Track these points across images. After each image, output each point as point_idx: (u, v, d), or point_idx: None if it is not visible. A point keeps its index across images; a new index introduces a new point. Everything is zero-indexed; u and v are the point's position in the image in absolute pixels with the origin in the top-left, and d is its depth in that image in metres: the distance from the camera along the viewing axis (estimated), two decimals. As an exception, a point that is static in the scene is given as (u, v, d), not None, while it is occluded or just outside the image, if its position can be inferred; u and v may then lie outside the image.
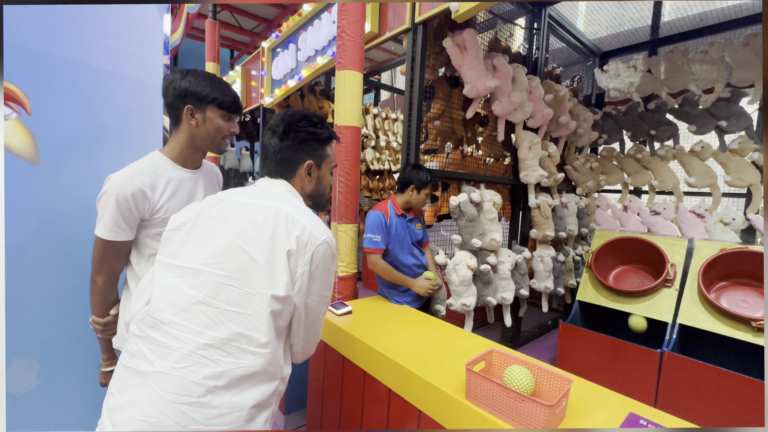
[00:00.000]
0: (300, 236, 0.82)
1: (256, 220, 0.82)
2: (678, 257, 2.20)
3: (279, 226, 0.82)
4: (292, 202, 0.89)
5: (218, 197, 0.90)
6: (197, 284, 0.78)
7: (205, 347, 0.75)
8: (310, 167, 0.96)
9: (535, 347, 3.04)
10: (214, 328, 0.76)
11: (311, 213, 0.90)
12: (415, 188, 1.86)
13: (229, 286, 0.78)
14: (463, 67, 2.19)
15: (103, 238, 0.95)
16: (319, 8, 2.98)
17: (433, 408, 1.10)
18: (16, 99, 1.06)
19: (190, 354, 0.74)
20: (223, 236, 0.82)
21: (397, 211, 1.89)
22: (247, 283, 0.78)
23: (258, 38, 6.51)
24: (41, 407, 1.14)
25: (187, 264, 0.81)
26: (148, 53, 1.35)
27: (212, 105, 1.02)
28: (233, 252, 0.80)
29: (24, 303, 1.10)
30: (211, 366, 0.74)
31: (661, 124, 3.12)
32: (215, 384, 0.73)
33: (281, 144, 0.93)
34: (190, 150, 1.05)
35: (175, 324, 0.77)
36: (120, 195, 0.93)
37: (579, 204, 3.12)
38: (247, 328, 0.77)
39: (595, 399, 1.07)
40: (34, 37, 1.09)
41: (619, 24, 3.43)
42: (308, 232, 0.83)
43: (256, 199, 0.87)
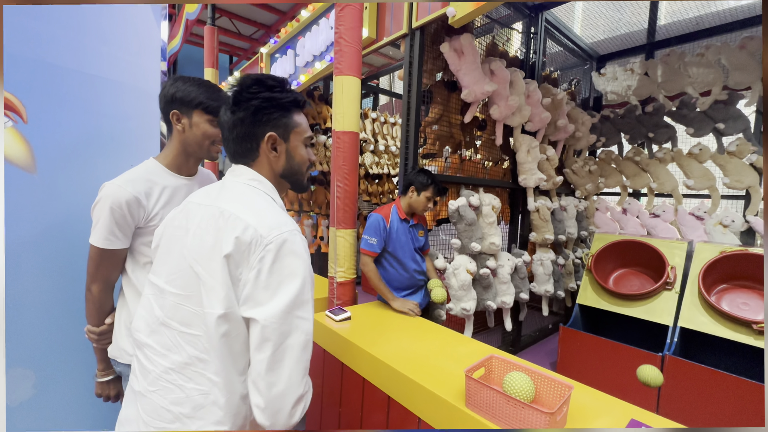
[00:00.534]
0: (240, 236, 0.67)
1: (200, 226, 0.72)
2: (678, 260, 2.19)
3: (220, 231, 0.69)
4: (249, 196, 0.75)
5: (185, 202, 0.82)
6: (162, 304, 0.73)
7: (168, 371, 0.70)
8: (274, 141, 0.79)
9: (535, 351, 3.02)
10: (175, 351, 0.70)
11: (268, 206, 0.74)
12: (415, 190, 1.86)
13: (181, 306, 0.71)
14: (460, 72, 2.19)
15: (98, 246, 0.95)
16: (318, 14, 2.99)
17: (432, 415, 1.09)
18: (13, 107, 1.05)
19: (158, 378, 0.71)
20: (179, 249, 0.73)
21: (400, 215, 1.89)
22: (194, 301, 0.69)
23: (257, 44, 6.53)
24: (36, 418, 1.13)
25: (156, 281, 0.76)
26: (146, 60, 1.35)
27: (198, 109, 1.00)
28: (183, 267, 0.72)
29: (20, 312, 1.09)
30: (175, 391, 0.69)
31: (659, 126, 3.12)
32: (181, 411, 0.68)
33: (234, 117, 0.77)
34: (182, 157, 1.05)
35: (148, 346, 0.74)
36: (114, 203, 0.92)
37: (578, 207, 3.12)
38: (202, 350, 0.69)
39: (596, 405, 1.06)
40: (31, 46, 1.09)
41: (616, 27, 3.45)
42: (252, 230, 0.67)
43: (210, 199, 0.76)
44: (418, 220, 1.99)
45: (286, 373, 0.66)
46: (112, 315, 1.05)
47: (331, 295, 1.96)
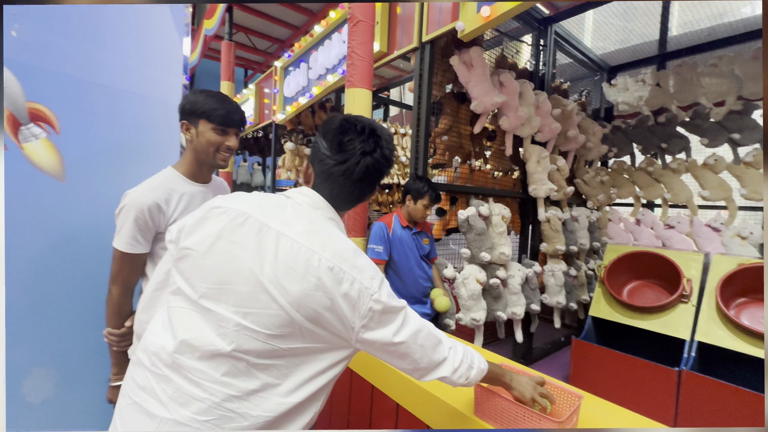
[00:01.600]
0: (350, 292, 0.68)
1: (294, 268, 0.67)
2: (694, 272, 2.14)
3: (322, 280, 0.67)
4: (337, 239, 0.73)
5: (244, 214, 0.72)
6: (224, 333, 0.66)
7: (232, 399, 0.66)
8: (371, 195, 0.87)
9: (547, 364, 2.96)
10: (242, 378, 0.66)
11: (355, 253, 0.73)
12: (411, 198, 1.87)
13: (259, 342, 0.66)
14: (470, 84, 2.23)
15: (121, 250, 1.00)
16: (330, 29, 3.09)
17: (441, 424, 1.09)
18: (47, 119, 1.12)
19: (215, 406, 0.65)
20: (253, 278, 0.67)
21: (402, 223, 1.91)
22: (280, 341, 0.67)
23: (271, 58, 6.73)
24: (58, 416, 1.17)
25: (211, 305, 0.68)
26: (169, 74, 1.43)
27: (202, 119, 1.04)
28: (268, 304, 0.66)
29: (46, 313, 1.14)
30: (237, 420, 0.66)
31: (672, 137, 3.09)
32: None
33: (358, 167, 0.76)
34: (196, 165, 1.10)
35: (198, 371, 0.66)
36: (137, 209, 0.97)
37: (590, 218, 3.09)
38: (277, 377, 0.68)
39: (608, 417, 1.05)
40: (64, 63, 1.17)
41: (627, 39, 3.46)
42: (358, 283, 0.69)
43: (290, 229, 0.70)
44: (422, 228, 1.99)
45: (430, 354, 0.77)
46: (131, 318, 1.09)
47: (341, 302, 1.98)
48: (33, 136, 1.10)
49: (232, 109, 1.06)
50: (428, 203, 1.85)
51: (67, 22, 1.17)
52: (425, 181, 1.89)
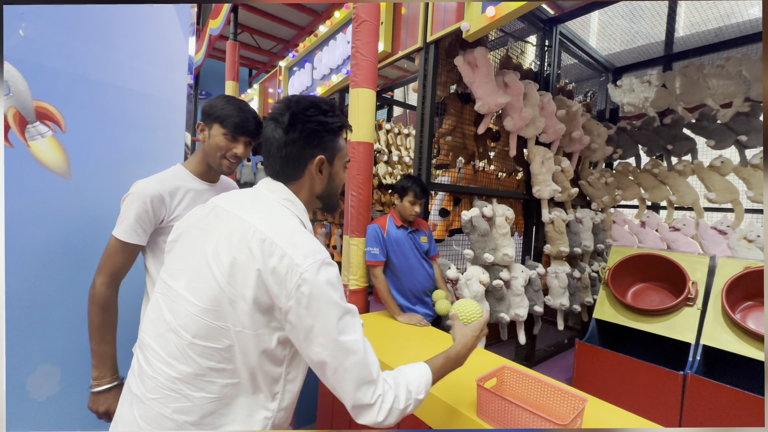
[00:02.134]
0: (278, 266, 0.66)
1: (232, 241, 0.69)
2: (700, 275, 2.12)
3: (253, 251, 0.67)
4: (283, 218, 0.74)
5: (213, 203, 0.79)
6: (174, 308, 0.70)
7: (174, 380, 0.67)
8: (322, 163, 0.80)
9: (550, 366, 2.95)
10: (183, 361, 0.67)
11: (300, 231, 0.73)
12: (398, 196, 1.88)
13: (197, 318, 0.67)
14: (474, 84, 2.22)
15: (118, 238, 1.00)
16: (335, 29, 3.09)
17: (443, 425, 1.09)
18: (53, 118, 1.13)
19: (160, 386, 0.68)
20: (203, 255, 0.71)
21: (396, 223, 1.90)
22: (215, 316, 0.67)
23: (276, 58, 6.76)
24: (62, 413, 1.17)
25: (172, 283, 0.73)
26: (174, 74, 1.43)
27: (216, 123, 1.07)
28: (207, 278, 0.69)
29: (50, 311, 1.15)
30: (181, 400, 0.67)
31: (677, 138, 3.07)
32: (186, 419, 0.67)
33: (287, 137, 0.76)
34: (204, 165, 1.12)
35: (152, 349, 0.71)
36: (141, 198, 0.99)
37: (594, 219, 3.07)
38: (218, 361, 0.68)
39: (612, 421, 1.04)
40: (71, 62, 1.17)
41: (633, 40, 3.44)
42: (288, 258, 0.66)
43: (243, 211, 0.74)
44: (418, 227, 1.98)
45: (350, 389, 0.68)
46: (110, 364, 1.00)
47: (343, 302, 1.98)
48: (39, 134, 1.11)
49: (247, 118, 1.07)
50: (413, 199, 1.85)
51: (73, 21, 1.17)
52: (410, 178, 1.89)
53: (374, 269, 1.86)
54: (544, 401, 1.03)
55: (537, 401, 1.04)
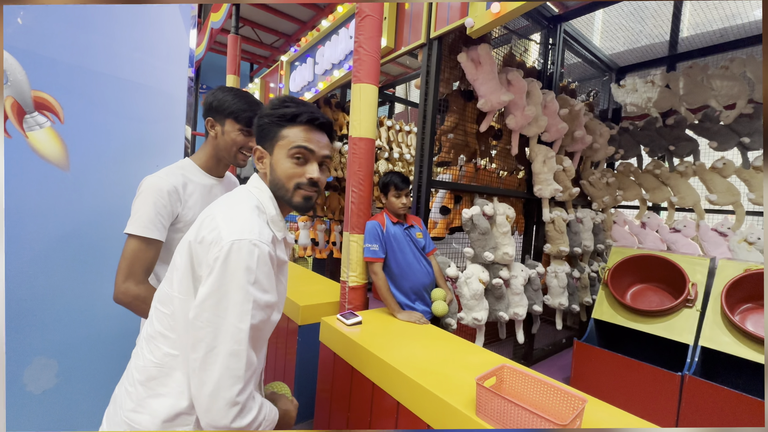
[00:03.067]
0: (206, 236, 0.71)
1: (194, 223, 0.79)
2: (699, 276, 2.12)
3: (195, 226, 0.76)
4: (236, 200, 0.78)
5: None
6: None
7: (141, 339, 0.80)
8: (261, 155, 0.84)
9: (548, 365, 2.95)
10: (148, 323, 0.80)
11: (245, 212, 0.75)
12: (382, 194, 1.91)
13: (162, 286, 0.80)
14: (477, 82, 2.21)
15: (138, 235, 0.94)
16: (337, 24, 3.07)
17: (442, 423, 1.08)
18: (51, 108, 1.12)
19: (138, 344, 0.82)
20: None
21: (392, 220, 1.91)
22: (167, 283, 0.77)
23: (277, 52, 6.71)
24: (58, 406, 1.17)
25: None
26: (175, 66, 1.42)
27: (230, 118, 1.06)
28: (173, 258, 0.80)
29: (48, 304, 1.14)
30: (140, 359, 0.77)
31: (680, 139, 3.06)
32: (138, 377, 0.75)
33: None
34: (214, 160, 1.11)
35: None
36: (157, 192, 0.97)
37: (595, 219, 3.06)
38: (165, 327, 0.75)
39: (610, 421, 1.04)
40: (70, 52, 1.16)
41: (637, 39, 3.41)
42: (216, 231, 0.70)
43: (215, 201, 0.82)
44: (413, 223, 1.98)
45: (216, 376, 0.66)
46: None
47: (342, 299, 1.97)
48: (37, 125, 1.10)
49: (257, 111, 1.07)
50: (396, 192, 1.88)
51: (73, 10, 1.16)
52: (388, 174, 1.93)
53: (373, 266, 1.85)
54: (543, 401, 1.03)
55: (536, 401, 1.04)
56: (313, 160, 0.82)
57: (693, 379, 1.83)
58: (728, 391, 1.71)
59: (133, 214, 0.96)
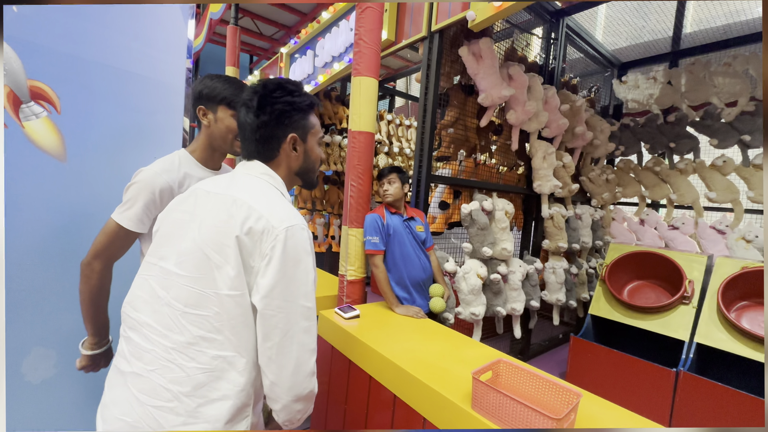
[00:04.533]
0: (254, 226, 0.71)
1: (212, 213, 0.76)
2: (696, 274, 2.13)
3: (233, 218, 0.73)
4: (260, 189, 0.79)
5: (192, 189, 0.85)
6: (166, 285, 0.75)
7: (169, 350, 0.72)
8: (295, 141, 0.85)
9: (545, 360, 2.97)
10: (177, 331, 0.72)
11: (278, 199, 0.78)
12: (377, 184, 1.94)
13: (189, 288, 0.73)
14: (478, 76, 2.19)
15: (122, 225, 0.97)
16: (338, 16, 3.04)
17: (438, 416, 1.09)
18: (48, 98, 1.11)
19: (158, 357, 0.72)
20: (189, 233, 0.76)
21: (390, 210, 1.92)
22: (203, 283, 0.72)
23: (277, 44, 6.65)
24: (57, 395, 1.17)
25: (161, 263, 0.78)
26: (173, 57, 1.40)
27: (222, 105, 1.04)
28: (193, 250, 0.74)
29: (46, 295, 1.14)
30: (175, 371, 0.71)
31: (681, 136, 3.05)
32: (180, 390, 0.70)
33: (258, 120, 0.81)
34: (209, 150, 1.09)
35: (148, 325, 0.75)
36: (150, 189, 0.96)
37: (594, 216, 3.07)
38: (208, 330, 0.71)
39: (605, 416, 1.05)
40: (67, 41, 1.14)
41: (639, 35, 3.39)
42: (264, 220, 0.72)
43: (221, 188, 0.79)
44: (413, 215, 1.98)
45: (294, 356, 0.73)
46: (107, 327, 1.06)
47: (340, 292, 1.98)
48: (34, 114, 1.09)
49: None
50: (382, 180, 1.93)
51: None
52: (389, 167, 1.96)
53: (374, 258, 1.85)
54: (539, 395, 1.04)
55: (532, 395, 1.05)
56: None
57: (687, 375, 1.85)
58: (722, 388, 1.73)
59: (123, 203, 0.98)
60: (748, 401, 1.65)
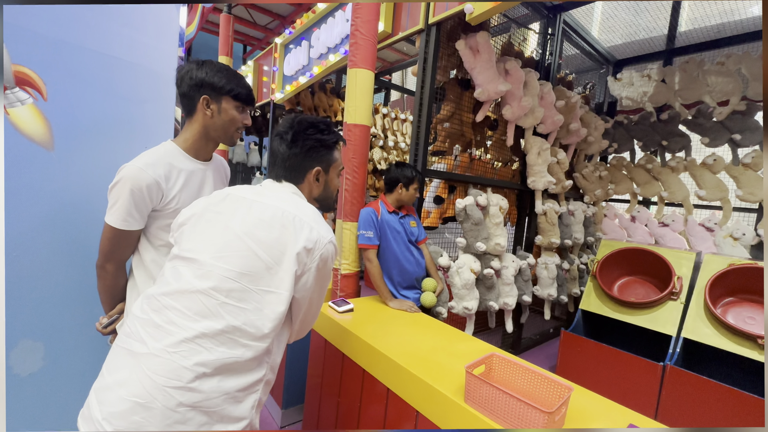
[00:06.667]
0: (309, 237, 0.85)
1: (263, 219, 0.85)
2: (685, 270, 2.17)
3: (287, 227, 0.85)
4: (298, 204, 0.91)
5: (225, 192, 0.93)
6: (202, 274, 0.81)
7: (200, 335, 0.77)
8: (319, 173, 0.99)
9: (535, 354, 3.02)
10: (211, 318, 0.78)
11: (316, 213, 0.93)
12: (403, 186, 1.89)
13: (231, 281, 0.80)
14: (475, 70, 2.18)
15: (115, 227, 0.95)
16: (333, 6, 2.99)
17: (431, 409, 1.10)
18: (33, 84, 1.07)
19: (185, 341, 0.76)
20: (229, 231, 0.85)
21: (389, 209, 1.91)
22: (248, 279, 0.81)
23: (271, 34, 6.54)
24: (44, 388, 1.16)
25: (194, 255, 0.83)
26: (164, 44, 1.36)
27: (227, 96, 1.02)
28: (239, 248, 0.83)
29: (34, 286, 1.12)
30: (203, 354, 0.76)
31: (673, 135, 3.08)
32: (204, 371, 0.76)
33: (290, 152, 0.96)
34: (203, 141, 1.06)
35: (175, 309, 0.79)
36: (135, 186, 0.93)
37: (586, 212, 3.10)
38: (244, 322, 0.80)
39: (595, 408, 1.06)
40: (54, 25, 1.10)
41: (635, 32, 3.40)
42: (316, 232, 0.86)
43: (263, 198, 0.90)
44: (407, 211, 2.00)
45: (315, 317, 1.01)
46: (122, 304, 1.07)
47: (334, 286, 1.97)
48: (19, 101, 1.05)
49: (250, 87, 1.08)
50: (418, 186, 1.93)
51: (56, -19, 1.10)
52: (410, 167, 1.93)
53: (367, 252, 1.85)
54: (531, 389, 1.05)
55: (524, 389, 1.06)
56: None
57: (674, 369, 1.89)
58: (708, 381, 1.77)
59: (111, 205, 0.95)
60: (733, 395, 1.69)
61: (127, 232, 0.97)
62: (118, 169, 0.95)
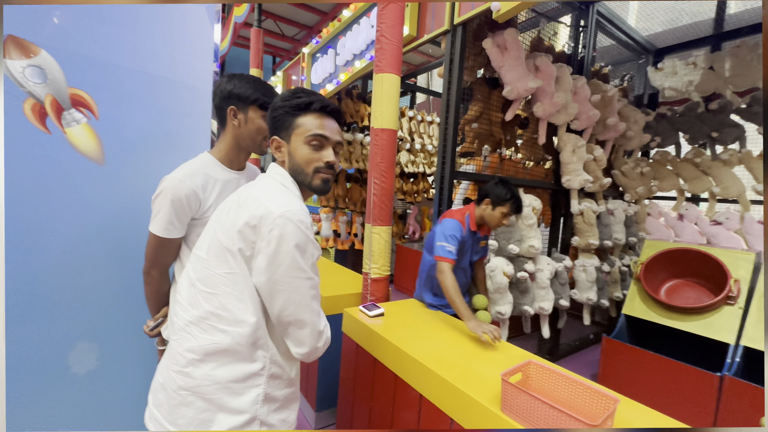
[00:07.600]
0: (254, 213, 0.80)
1: (230, 206, 0.88)
2: (743, 272, 1.99)
3: (241, 206, 0.84)
4: (268, 184, 0.88)
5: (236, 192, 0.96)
6: (195, 268, 0.88)
7: (189, 324, 0.84)
8: (278, 144, 0.91)
9: (574, 361, 2.87)
10: (195, 306, 0.84)
11: (280, 192, 0.85)
12: (490, 203, 1.70)
13: (204, 269, 0.85)
14: (503, 68, 2.13)
15: (158, 235, 1.01)
16: (359, 13, 3.03)
17: (465, 417, 1.07)
18: (87, 105, 1.16)
19: (180, 329, 0.86)
20: (215, 224, 0.89)
21: (471, 227, 1.77)
22: (214, 264, 0.83)
23: (299, 44, 6.73)
24: (100, 387, 1.24)
25: (197, 251, 0.91)
26: (200, 61, 1.44)
27: (254, 105, 1.05)
28: (208, 235, 0.88)
29: (89, 291, 1.21)
30: (191, 340, 0.83)
31: (724, 125, 2.85)
32: (193, 357, 0.82)
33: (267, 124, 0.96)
34: (235, 151, 1.10)
35: (178, 303, 0.89)
36: (175, 196, 0.99)
37: (627, 211, 2.92)
38: (217, 307, 0.82)
39: (644, 422, 0.99)
40: (102, 49, 1.19)
41: (677, 18, 3.19)
42: (263, 208, 0.80)
43: (244, 188, 0.92)
44: (485, 233, 1.86)
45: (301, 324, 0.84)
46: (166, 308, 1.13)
47: (365, 290, 1.98)
48: (75, 121, 1.14)
49: (274, 95, 1.10)
50: (508, 212, 1.69)
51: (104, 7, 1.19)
52: (508, 187, 1.70)
53: (442, 264, 1.64)
54: (572, 399, 1.00)
55: (564, 398, 1.01)
56: (328, 145, 0.91)
57: (733, 380, 1.73)
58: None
59: (155, 215, 1.02)
60: (803, 410, 1.52)
61: (169, 240, 1.03)
62: (160, 181, 1.01)
